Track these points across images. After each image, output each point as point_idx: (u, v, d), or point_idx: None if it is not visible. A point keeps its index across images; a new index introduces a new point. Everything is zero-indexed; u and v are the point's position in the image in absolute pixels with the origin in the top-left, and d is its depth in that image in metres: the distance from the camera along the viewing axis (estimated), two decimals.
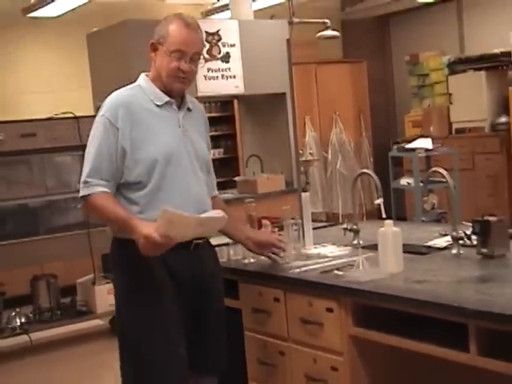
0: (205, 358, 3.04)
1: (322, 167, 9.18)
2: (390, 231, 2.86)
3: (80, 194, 2.90)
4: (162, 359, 2.86)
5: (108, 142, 2.86)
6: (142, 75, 3.03)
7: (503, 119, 8.34)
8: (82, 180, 2.89)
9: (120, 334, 2.97)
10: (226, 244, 3.39)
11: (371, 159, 9.48)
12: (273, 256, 3.22)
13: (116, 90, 3.01)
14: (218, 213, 2.87)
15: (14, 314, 6.03)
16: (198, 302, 2.98)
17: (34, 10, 7.66)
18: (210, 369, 3.10)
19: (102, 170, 2.86)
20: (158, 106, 2.94)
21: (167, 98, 2.95)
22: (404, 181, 7.45)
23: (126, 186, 2.89)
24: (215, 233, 3.02)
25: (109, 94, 2.99)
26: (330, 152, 9.21)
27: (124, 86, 3.04)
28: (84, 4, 7.33)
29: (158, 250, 2.72)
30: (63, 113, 5.89)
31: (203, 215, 2.81)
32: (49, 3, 7.38)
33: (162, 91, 2.96)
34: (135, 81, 3.04)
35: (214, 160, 10.68)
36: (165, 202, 2.77)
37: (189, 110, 3.04)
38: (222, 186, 8.36)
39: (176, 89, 2.95)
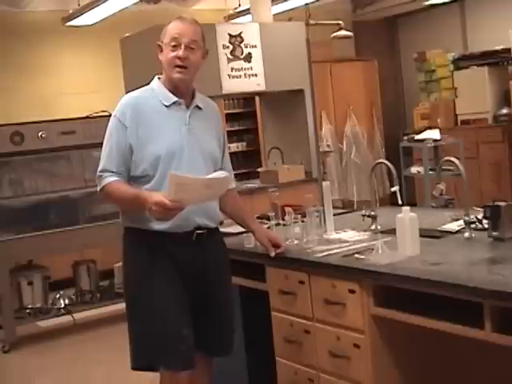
0: (207, 343, 2.97)
1: (338, 157, 9.14)
2: (407, 217, 2.80)
3: (98, 188, 2.89)
4: (163, 335, 2.81)
5: (118, 139, 2.85)
6: (155, 78, 2.99)
7: (505, 111, 8.26)
8: (96, 175, 2.88)
9: (127, 307, 2.94)
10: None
11: (383, 150, 9.43)
12: (271, 248, 3.11)
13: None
14: (221, 173, 2.81)
15: (58, 296, 6.08)
16: (200, 290, 2.91)
17: (73, 19, 7.72)
18: (212, 353, 3.05)
19: (114, 164, 2.85)
20: (166, 106, 2.89)
21: (175, 99, 2.90)
22: (414, 169, 7.40)
23: (134, 179, 2.87)
24: (222, 194, 2.89)
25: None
26: (344, 143, 9.17)
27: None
28: (118, 11, 7.33)
29: (170, 214, 2.68)
30: (99, 112, 5.88)
31: (209, 176, 2.75)
32: (85, 12, 7.43)
33: (172, 92, 2.90)
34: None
35: (237, 153, 10.61)
36: None
37: (199, 108, 2.97)
38: (245, 177, 8.38)
39: (176, 80, 2.87)
